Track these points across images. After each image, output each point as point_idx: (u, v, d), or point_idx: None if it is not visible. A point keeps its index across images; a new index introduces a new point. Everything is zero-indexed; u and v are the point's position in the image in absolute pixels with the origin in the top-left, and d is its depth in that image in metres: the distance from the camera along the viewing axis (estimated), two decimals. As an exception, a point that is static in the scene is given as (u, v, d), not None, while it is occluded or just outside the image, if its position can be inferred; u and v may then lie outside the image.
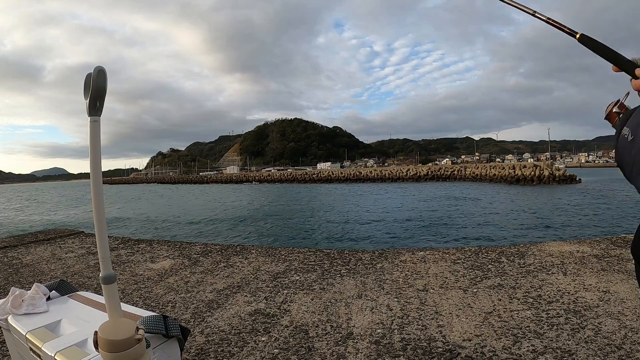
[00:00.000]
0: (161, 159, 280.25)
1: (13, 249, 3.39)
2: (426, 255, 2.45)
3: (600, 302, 1.56)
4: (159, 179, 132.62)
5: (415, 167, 66.62)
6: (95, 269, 2.63)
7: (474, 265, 2.18)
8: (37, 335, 0.86)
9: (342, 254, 2.62)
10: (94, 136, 0.78)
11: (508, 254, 2.34)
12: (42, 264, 2.86)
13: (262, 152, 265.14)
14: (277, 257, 2.62)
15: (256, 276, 2.23)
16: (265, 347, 1.37)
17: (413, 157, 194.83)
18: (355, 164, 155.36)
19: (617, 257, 2.13)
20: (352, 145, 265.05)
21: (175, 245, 3.30)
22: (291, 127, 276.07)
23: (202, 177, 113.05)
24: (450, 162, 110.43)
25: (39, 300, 1.02)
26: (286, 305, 1.76)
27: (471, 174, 47.20)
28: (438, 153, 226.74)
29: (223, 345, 1.41)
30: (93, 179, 0.79)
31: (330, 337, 1.42)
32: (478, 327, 1.43)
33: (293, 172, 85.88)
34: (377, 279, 2.04)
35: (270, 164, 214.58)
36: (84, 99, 0.78)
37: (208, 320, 1.65)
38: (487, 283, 1.88)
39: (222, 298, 1.91)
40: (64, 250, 3.30)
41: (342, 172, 69.79)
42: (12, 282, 2.41)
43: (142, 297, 1.99)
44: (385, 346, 1.33)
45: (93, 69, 0.77)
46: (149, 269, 2.54)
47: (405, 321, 1.52)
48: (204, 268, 2.48)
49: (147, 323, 0.83)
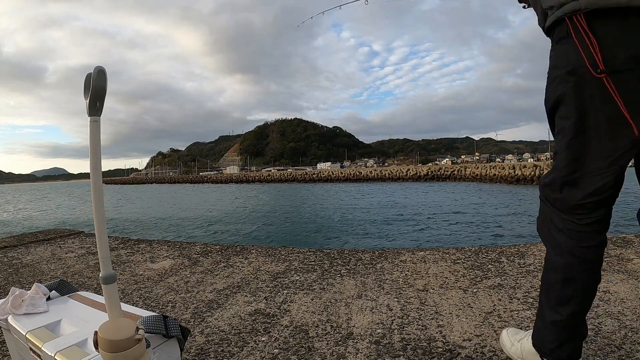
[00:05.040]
0: (161, 159, 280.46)
1: (13, 249, 3.39)
2: (426, 255, 2.45)
3: (600, 302, 1.56)
4: (159, 179, 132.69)
5: (415, 167, 66.64)
6: (95, 269, 2.63)
7: (474, 265, 2.18)
8: (37, 335, 0.87)
9: (342, 254, 2.62)
10: (94, 136, 0.78)
11: (508, 254, 2.34)
12: (42, 264, 2.86)
13: (262, 152, 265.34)
14: (277, 257, 2.62)
15: (256, 276, 2.23)
16: (265, 347, 1.37)
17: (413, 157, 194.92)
18: (355, 164, 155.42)
19: (617, 257, 2.13)
20: (352, 145, 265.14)
21: (175, 245, 3.31)
22: (291, 127, 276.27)
23: (202, 177, 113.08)
24: (450, 162, 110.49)
25: (39, 300, 1.02)
26: (286, 305, 1.76)
27: (471, 174, 47.23)
28: (438, 153, 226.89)
29: (223, 345, 1.41)
30: (93, 179, 0.79)
31: (330, 337, 1.42)
32: (478, 327, 1.43)
33: (293, 172, 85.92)
34: (377, 279, 2.04)
35: (270, 164, 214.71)
36: (84, 99, 0.78)
37: (208, 320, 1.65)
38: (487, 283, 1.88)
39: (222, 298, 1.91)
40: (64, 250, 3.30)
41: (342, 172, 69.82)
42: (12, 282, 2.41)
43: (142, 297, 1.99)
44: (385, 346, 1.33)
45: (93, 69, 0.77)
46: (149, 269, 2.54)
47: (405, 321, 1.52)
48: (204, 268, 2.48)
49: (147, 323, 0.84)
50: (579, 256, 0.90)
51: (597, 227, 0.90)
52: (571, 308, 0.94)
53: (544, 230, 0.99)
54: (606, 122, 0.80)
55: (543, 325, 1.01)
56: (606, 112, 0.79)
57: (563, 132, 0.88)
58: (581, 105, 0.81)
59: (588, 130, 0.83)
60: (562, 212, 0.92)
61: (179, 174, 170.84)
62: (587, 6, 0.73)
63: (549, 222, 0.96)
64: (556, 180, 0.92)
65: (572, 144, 0.86)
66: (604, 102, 0.78)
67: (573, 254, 0.90)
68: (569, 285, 0.92)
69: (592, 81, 0.77)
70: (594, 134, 0.82)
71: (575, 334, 0.97)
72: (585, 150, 0.84)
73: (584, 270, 0.91)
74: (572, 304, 0.93)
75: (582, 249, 0.90)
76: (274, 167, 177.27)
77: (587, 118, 0.82)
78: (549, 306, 0.98)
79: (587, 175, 0.86)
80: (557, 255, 0.94)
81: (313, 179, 69.09)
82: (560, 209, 0.93)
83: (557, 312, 0.95)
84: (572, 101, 0.83)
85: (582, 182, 0.87)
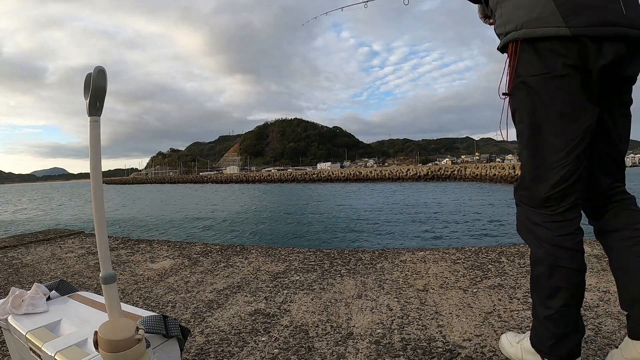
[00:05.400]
0: (161, 159, 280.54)
1: (13, 249, 3.40)
2: (426, 255, 2.45)
3: (600, 302, 1.56)
4: (159, 179, 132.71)
5: (415, 167, 66.67)
6: (95, 269, 2.63)
7: (474, 265, 2.18)
8: (37, 335, 0.87)
9: (342, 254, 2.62)
10: (94, 136, 0.78)
11: (508, 254, 2.34)
12: (42, 264, 2.86)
13: (262, 152, 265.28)
14: (277, 257, 2.62)
15: (256, 276, 2.23)
16: (265, 347, 1.37)
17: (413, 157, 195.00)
18: (355, 164, 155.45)
19: (617, 257, 2.13)
20: (352, 145, 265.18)
21: (175, 245, 3.31)
22: (291, 127, 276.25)
23: (202, 177, 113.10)
24: (450, 162, 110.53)
25: (39, 300, 1.02)
26: (286, 305, 1.76)
27: (471, 174, 47.25)
28: (438, 153, 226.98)
29: (223, 345, 1.41)
30: (93, 179, 0.79)
31: (330, 337, 1.42)
32: (478, 327, 1.43)
33: (293, 172, 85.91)
34: (377, 279, 2.04)
35: (270, 164, 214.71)
36: (84, 99, 0.78)
37: (208, 320, 1.65)
38: (487, 283, 1.88)
39: (222, 298, 1.91)
40: (64, 250, 3.30)
41: (342, 172, 69.82)
42: (12, 282, 2.41)
43: (142, 297, 1.99)
44: (385, 346, 1.33)
45: (93, 69, 0.77)
46: (149, 269, 2.54)
47: (405, 321, 1.52)
48: (204, 268, 2.48)
49: (147, 323, 0.84)
50: (558, 245, 0.96)
51: (569, 215, 0.97)
52: (561, 300, 0.96)
53: (523, 229, 1.06)
54: (558, 119, 0.94)
55: (538, 323, 1.03)
56: (556, 110, 0.94)
57: (522, 134, 1.01)
58: (532, 108, 0.97)
59: (542, 129, 0.97)
60: (535, 208, 1.01)
61: (179, 174, 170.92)
62: (524, 36, 0.93)
63: (526, 220, 1.04)
64: (524, 179, 1.03)
65: (530, 143, 0.99)
66: (553, 102, 0.93)
67: (552, 243, 0.97)
68: (554, 275, 0.96)
69: (539, 88, 0.94)
70: (547, 131, 0.96)
71: (569, 329, 0.98)
72: (543, 146, 0.97)
73: (566, 257, 0.95)
74: (560, 295, 0.96)
75: (560, 238, 0.96)
76: (274, 167, 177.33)
77: (539, 119, 0.96)
78: (540, 302, 1.01)
79: (548, 168, 0.96)
80: (539, 248, 1.00)
81: (313, 179, 69.09)
82: (533, 205, 1.02)
83: (548, 307, 0.98)
84: (524, 107, 0.99)
85: (545, 175, 0.97)
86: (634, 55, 0.89)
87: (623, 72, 0.90)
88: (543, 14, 0.89)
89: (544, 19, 0.89)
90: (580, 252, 0.97)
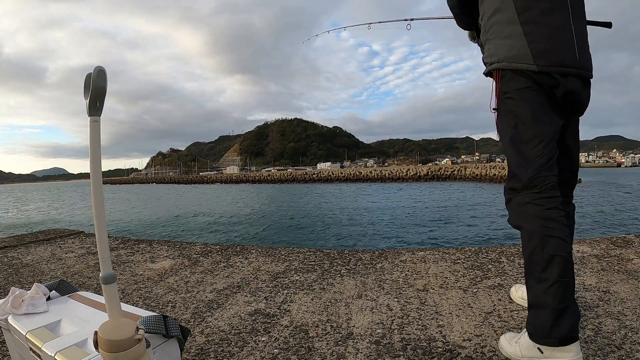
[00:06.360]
0: (161, 159, 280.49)
1: (13, 249, 3.39)
2: (426, 255, 2.45)
3: (600, 302, 1.56)
4: (159, 178, 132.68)
5: (415, 167, 66.66)
6: (95, 269, 2.63)
7: (474, 265, 2.18)
8: (37, 335, 0.87)
9: (342, 254, 2.62)
10: (94, 136, 0.78)
11: (508, 254, 2.34)
12: (42, 264, 2.86)
13: (262, 152, 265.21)
14: (277, 257, 2.62)
15: (256, 276, 2.23)
16: (265, 347, 1.37)
17: (413, 157, 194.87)
18: (355, 164, 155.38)
19: (617, 257, 2.13)
20: (352, 145, 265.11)
21: (175, 245, 3.31)
22: (291, 127, 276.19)
23: (202, 177, 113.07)
24: (450, 162, 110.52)
25: (39, 300, 1.02)
26: (286, 305, 1.76)
27: (471, 174, 47.24)
28: (438, 153, 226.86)
29: (223, 345, 1.41)
30: (93, 179, 0.79)
31: (330, 337, 1.42)
32: (478, 327, 1.43)
33: (293, 172, 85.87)
34: (377, 279, 2.04)
35: (270, 164, 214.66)
36: (84, 99, 0.78)
37: (208, 320, 1.65)
38: (487, 283, 1.88)
39: (222, 298, 1.91)
40: (64, 250, 3.30)
41: (342, 172, 69.78)
42: (12, 282, 2.41)
43: (142, 297, 1.99)
44: (385, 346, 1.33)
45: (93, 69, 0.77)
46: (149, 269, 2.54)
47: (405, 321, 1.52)
48: (204, 268, 2.48)
49: (147, 323, 0.84)
50: (548, 217, 1.13)
51: (553, 192, 1.16)
52: (556, 270, 1.06)
53: (515, 216, 1.22)
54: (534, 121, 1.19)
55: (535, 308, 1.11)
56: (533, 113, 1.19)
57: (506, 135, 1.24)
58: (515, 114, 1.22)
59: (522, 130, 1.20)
60: (525, 190, 1.19)
61: (179, 174, 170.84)
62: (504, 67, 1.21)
63: (517, 206, 1.21)
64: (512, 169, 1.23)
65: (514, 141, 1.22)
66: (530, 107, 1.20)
67: (542, 216, 1.13)
68: (548, 243, 1.09)
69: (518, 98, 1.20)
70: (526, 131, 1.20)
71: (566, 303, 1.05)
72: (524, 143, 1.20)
73: (556, 228, 1.11)
74: (555, 265, 1.07)
75: (549, 211, 1.13)
76: (274, 167, 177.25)
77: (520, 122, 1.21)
78: (537, 280, 1.10)
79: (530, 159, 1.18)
80: (531, 224, 1.15)
81: (313, 179, 69.04)
82: (522, 189, 1.20)
83: (545, 280, 1.07)
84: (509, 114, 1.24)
85: (528, 163, 1.18)
86: (585, 88, 1.20)
87: (578, 98, 1.20)
88: (519, 54, 1.17)
89: (520, 57, 1.17)
90: (565, 225, 1.14)
